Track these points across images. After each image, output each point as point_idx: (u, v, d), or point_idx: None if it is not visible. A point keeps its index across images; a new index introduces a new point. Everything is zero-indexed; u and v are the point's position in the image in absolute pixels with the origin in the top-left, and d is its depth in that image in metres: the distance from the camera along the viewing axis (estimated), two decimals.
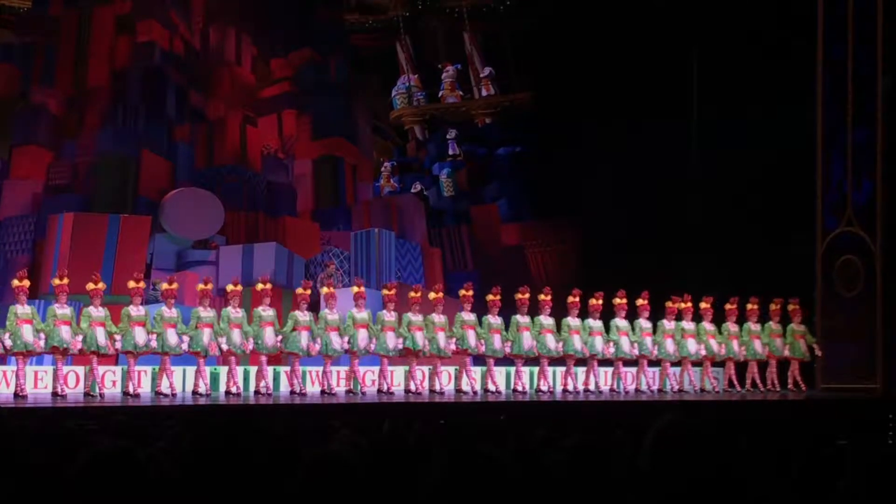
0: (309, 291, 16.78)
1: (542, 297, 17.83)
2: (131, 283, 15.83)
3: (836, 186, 19.85)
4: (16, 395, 14.79)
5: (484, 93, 32.53)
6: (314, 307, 17.09)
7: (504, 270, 25.10)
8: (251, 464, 3.25)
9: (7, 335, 14.59)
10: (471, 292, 17.42)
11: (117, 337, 15.16)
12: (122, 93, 24.20)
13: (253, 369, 16.47)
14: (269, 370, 16.49)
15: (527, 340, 17.38)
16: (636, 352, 18.14)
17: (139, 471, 3.23)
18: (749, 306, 19.16)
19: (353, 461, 3.49)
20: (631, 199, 23.05)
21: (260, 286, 16.43)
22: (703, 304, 18.83)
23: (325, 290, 16.84)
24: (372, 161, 29.07)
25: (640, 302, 18.34)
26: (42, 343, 14.77)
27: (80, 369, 15.82)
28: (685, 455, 3.25)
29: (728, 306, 19.05)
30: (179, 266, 21.55)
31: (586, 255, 24.33)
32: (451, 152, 31.17)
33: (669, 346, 18.36)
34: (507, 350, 17.31)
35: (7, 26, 27.70)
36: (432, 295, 17.34)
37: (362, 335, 16.37)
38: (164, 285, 16.13)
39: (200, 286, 16.22)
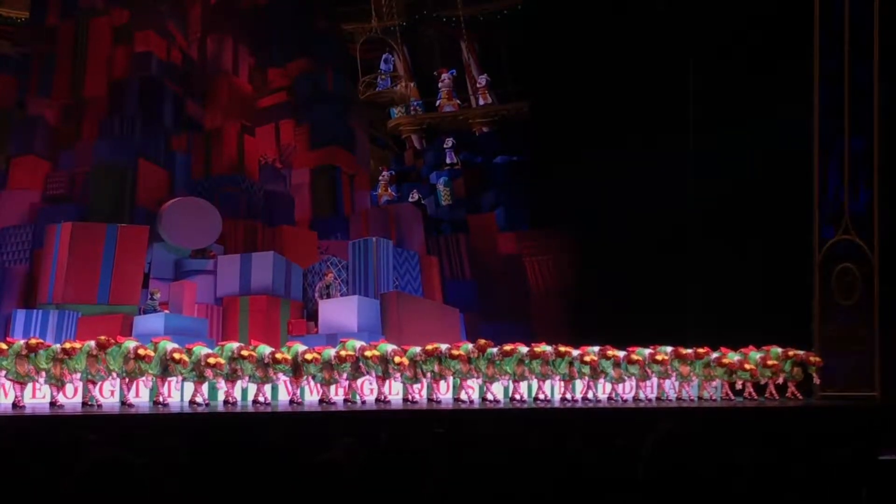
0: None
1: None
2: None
3: (832, 195, 19.85)
4: (14, 405, 14.78)
5: (481, 101, 32.57)
6: (311, 317, 17.04)
7: (501, 279, 25.13)
8: (249, 474, 3.24)
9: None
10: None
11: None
12: (119, 103, 24.21)
13: None
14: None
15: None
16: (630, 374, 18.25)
17: (136, 480, 3.23)
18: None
19: (351, 470, 3.49)
20: (627, 207, 23.05)
21: None
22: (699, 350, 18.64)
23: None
24: (369, 170, 29.08)
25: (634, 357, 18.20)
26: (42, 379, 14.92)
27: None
28: (683, 462, 3.25)
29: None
30: (178, 275, 21.54)
31: (583, 264, 24.32)
32: (448, 161, 31.19)
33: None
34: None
35: (4, 37, 27.76)
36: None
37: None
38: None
39: None
